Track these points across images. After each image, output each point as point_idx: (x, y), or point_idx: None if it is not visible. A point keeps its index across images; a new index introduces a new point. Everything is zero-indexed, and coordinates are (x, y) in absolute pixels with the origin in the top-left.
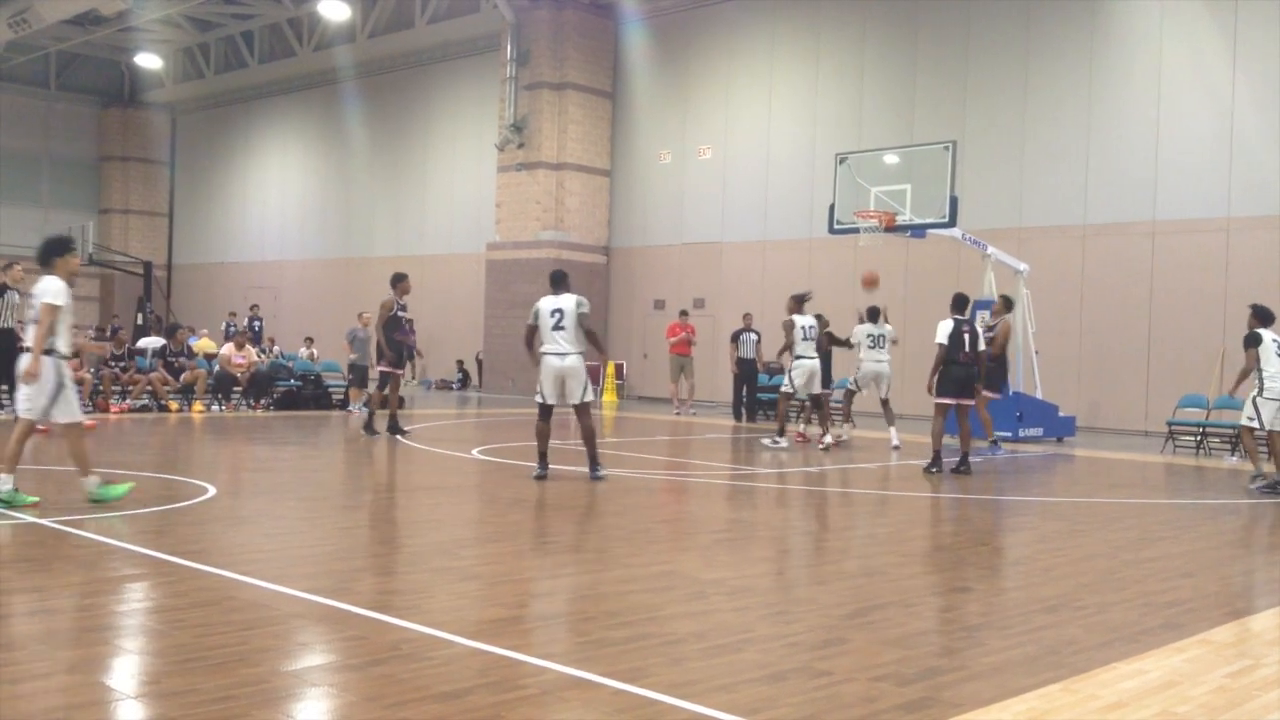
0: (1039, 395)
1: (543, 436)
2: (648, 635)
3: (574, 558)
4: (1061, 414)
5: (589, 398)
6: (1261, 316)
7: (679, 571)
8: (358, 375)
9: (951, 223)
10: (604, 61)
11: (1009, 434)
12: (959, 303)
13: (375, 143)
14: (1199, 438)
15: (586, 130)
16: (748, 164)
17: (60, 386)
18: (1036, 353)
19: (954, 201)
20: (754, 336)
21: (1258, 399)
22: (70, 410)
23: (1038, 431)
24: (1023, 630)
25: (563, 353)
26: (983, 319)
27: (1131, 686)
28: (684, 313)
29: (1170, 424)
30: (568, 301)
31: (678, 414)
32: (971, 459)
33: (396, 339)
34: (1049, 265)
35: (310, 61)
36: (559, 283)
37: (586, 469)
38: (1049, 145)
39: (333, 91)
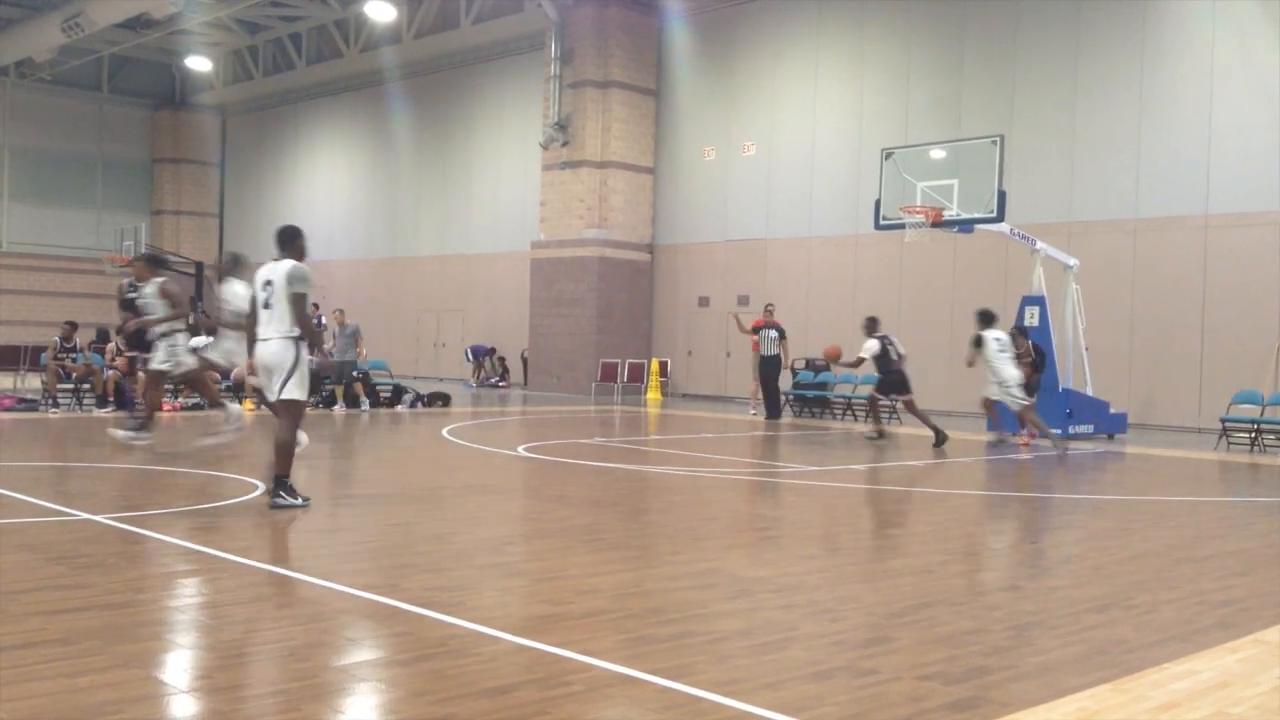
0: (1089, 392)
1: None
2: (692, 633)
3: (619, 555)
4: (1113, 411)
5: (293, 394)
6: (985, 319)
7: (724, 569)
8: (339, 371)
9: (1000, 218)
10: (648, 59)
11: (1059, 431)
12: (872, 324)
13: (421, 142)
14: (1254, 434)
15: (630, 128)
16: (793, 160)
17: None
18: (1086, 349)
19: (1002, 196)
20: (774, 333)
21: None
22: None
23: (1088, 428)
24: (1072, 629)
25: (265, 337)
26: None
27: (1183, 687)
28: (769, 308)
29: (1224, 420)
30: (278, 271)
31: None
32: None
33: (128, 322)
34: (1100, 260)
35: (357, 63)
36: (285, 243)
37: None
38: (1099, 138)
39: (379, 92)
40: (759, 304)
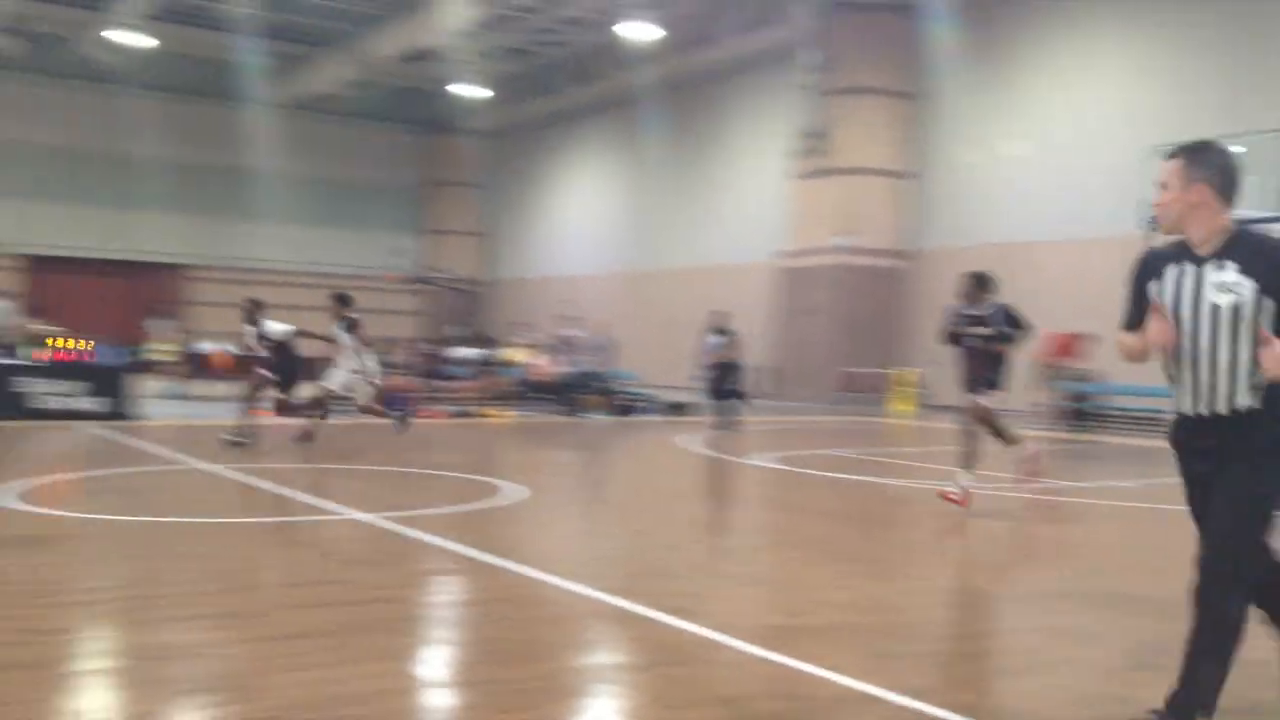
0: None
1: None
2: (938, 651)
3: (863, 568)
4: None
5: None
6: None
7: (969, 588)
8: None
9: None
10: (904, 64)
11: None
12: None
13: (672, 157)
14: None
15: (885, 133)
16: (1061, 159)
17: None
18: None
19: None
20: (714, 339)
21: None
22: None
23: None
24: None
25: None
26: None
27: None
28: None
29: None
30: None
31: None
32: None
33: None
34: None
35: (614, 82)
36: None
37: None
38: None
39: (632, 109)
40: (1026, 309)
